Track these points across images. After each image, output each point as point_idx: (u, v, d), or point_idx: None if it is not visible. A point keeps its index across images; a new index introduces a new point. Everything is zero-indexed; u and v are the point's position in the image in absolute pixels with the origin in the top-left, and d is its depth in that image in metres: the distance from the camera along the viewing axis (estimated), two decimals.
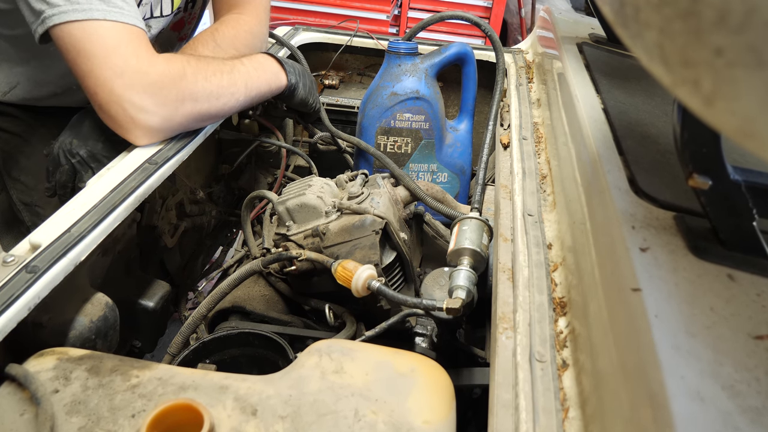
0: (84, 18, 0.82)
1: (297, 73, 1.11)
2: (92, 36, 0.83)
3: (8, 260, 0.65)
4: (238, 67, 0.99)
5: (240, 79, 0.98)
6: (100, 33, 0.83)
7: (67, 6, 0.81)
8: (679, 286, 0.49)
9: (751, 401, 0.39)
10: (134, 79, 0.84)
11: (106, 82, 0.84)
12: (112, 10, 0.84)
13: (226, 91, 0.96)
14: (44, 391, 0.57)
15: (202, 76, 0.92)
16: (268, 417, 0.57)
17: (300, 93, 1.13)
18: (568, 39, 1.20)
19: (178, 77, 0.88)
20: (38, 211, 1.22)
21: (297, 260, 0.92)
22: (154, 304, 0.94)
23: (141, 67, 0.85)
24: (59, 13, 0.81)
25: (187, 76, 0.90)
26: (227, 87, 0.96)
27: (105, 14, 0.83)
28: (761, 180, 0.50)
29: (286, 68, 1.09)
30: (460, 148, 1.34)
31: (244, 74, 0.99)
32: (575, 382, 0.57)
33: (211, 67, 0.95)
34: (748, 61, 0.24)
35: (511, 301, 0.69)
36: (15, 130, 1.20)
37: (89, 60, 0.83)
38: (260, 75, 1.03)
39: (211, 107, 0.94)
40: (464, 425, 0.84)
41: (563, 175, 0.86)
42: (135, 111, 0.86)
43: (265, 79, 1.04)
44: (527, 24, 3.18)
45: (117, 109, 0.85)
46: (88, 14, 0.82)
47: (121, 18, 0.85)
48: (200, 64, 0.94)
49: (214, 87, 0.94)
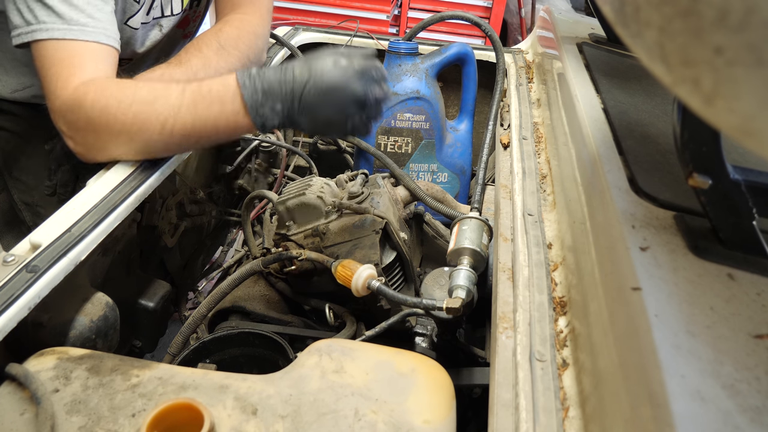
0: (44, 38, 0.83)
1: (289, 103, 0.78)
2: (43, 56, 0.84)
3: (8, 260, 0.65)
4: (168, 99, 0.80)
5: (163, 112, 0.79)
6: (49, 53, 0.84)
7: (36, 26, 0.83)
8: (679, 285, 0.49)
9: (751, 400, 0.39)
10: (51, 104, 0.84)
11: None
12: (71, 29, 0.84)
13: (133, 125, 0.80)
14: (44, 390, 0.57)
15: (106, 103, 0.80)
16: (268, 416, 0.57)
17: (303, 125, 0.81)
18: (568, 39, 1.20)
19: (77, 104, 0.81)
20: (39, 210, 1.22)
21: (297, 260, 0.92)
22: (154, 304, 0.95)
23: (54, 91, 0.84)
24: (30, 32, 0.83)
25: (85, 103, 0.80)
26: (138, 120, 0.80)
27: (63, 33, 0.83)
28: (761, 179, 0.50)
29: (253, 103, 0.79)
30: (460, 148, 1.34)
31: (169, 108, 0.80)
32: (575, 382, 0.57)
33: (129, 95, 0.80)
34: (748, 60, 0.24)
35: (511, 300, 0.69)
36: (16, 129, 1.20)
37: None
38: (198, 111, 0.80)
39: (114, 140, 0.82)
40: (464, 425, 0.84)
41: (563, 174, 0.86)
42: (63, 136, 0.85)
43: (209, 117, 0.80)
44: (527, 24, 3.18)
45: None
46: (49, 34, 0.83)
47: (81, 36, 0.85)
48: (114, 90, 0.81)
49: (121, 118, 0.80)
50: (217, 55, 1.05)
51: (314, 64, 0.77)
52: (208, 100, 0.79)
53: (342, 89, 0.75)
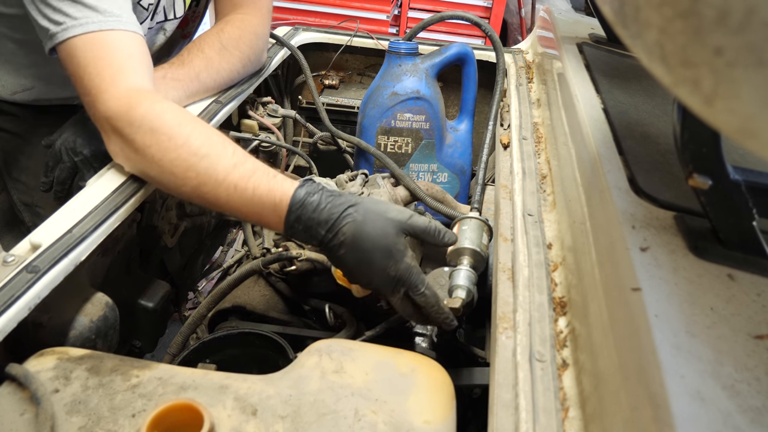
0: (81, 32, 0.79)
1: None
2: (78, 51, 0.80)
3: (9, 260, 0.65)
4: (216, 165, 0.74)
5: (204, 174, 0.74)
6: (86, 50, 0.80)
7: (70, 22, 0.79)
8: (680, 285, 0.49)
9: (751, 401, 0.39)
10: (95, 107, 0.80)
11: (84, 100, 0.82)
12: (107, 20, 0.81)
13: (171, 166, 0.75)
14: (44, 390, 0.57)
15: (156, 128, 0.75)
16: (268, 417, 0.57)
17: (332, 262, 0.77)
18: (568, 39, 1.20)
19: (124, 114, 0.77)
20: (39, 211, 1.22)
21: (297, 260, 0.92)
22: (154, 304, 0.94)
23: (98, 93, 0.79)
24: (62, 30, 0.80)
25: (134, 117, 0.76)
26: (177, 167, 0.75)
27: (100, 25, 0.80)
28: (761, 180, 0.50)
29: (289, 228, 0.73)
30: (461, 148, 1.34)
31: (212, 175, 0.74)
32: (575, 382, 0.57)
33: (182, 134, 0.75)
34: (748, 61, 0.24)
35: (511, 300, 0.69)
36: (16, 129, 1.20)
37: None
38: (236, 194, 0.74)
39: (147, 164, 0.77)
40: (464, 425, 0.84)
41: (563, 175, 0.86)
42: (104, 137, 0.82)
43: (245, 208, 0.75)
44: (527, 24, 3.18)
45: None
46: (84, 28, 0.79)
47: (118, 26, 0.82)
48: (169, 120, 0.77)
49: (161, 153, 0.75)
50: (219, 55, 1.05)
51: (364, 229, 0.71)
52: (250, 193, 0.73)
53: (371, 274, 0.72)
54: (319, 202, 0.72)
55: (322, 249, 0.74)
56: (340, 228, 0.71)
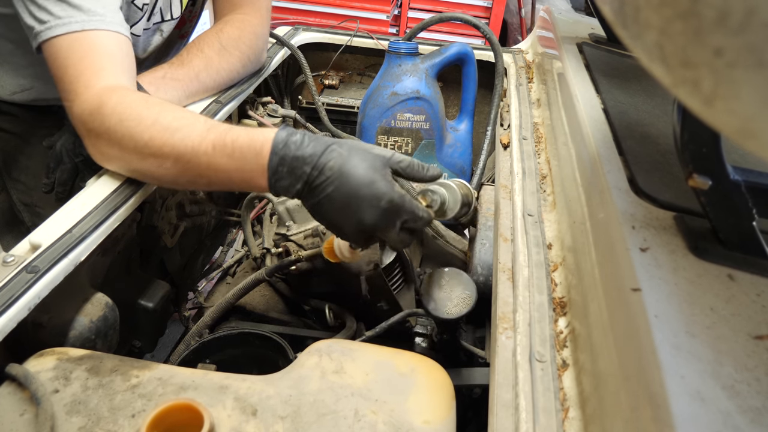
0: (63, 32, 0.79)
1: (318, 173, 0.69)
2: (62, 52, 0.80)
3: (8, 260, 0.65)
4: (190, 134, 0.73)
5: (180, 146, 0.73)
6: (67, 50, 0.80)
7: (54, 21, 0.79)
8: (679, 286, 0.49)
9: (751, 401, 0.39)
10: (70, 106, 0.80)
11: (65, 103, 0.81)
12: (91, 20, 0.80)
13: (146, 148, 0.75)
14: (44, 391, 0.57)
15: (126, 116, 0.75)
16: (268, 417, 0.57)
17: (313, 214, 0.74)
18: (568, 39, 1.20)
19: (96, 109, 0.77)
20: (38, 211, 1.22)
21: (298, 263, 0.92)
22: (154, 304, 0.94)
23: (74, 93, 0.80)
24: (45, 29, 0.80)
25: (105, 110, 0.76)
26: (153, 145, 0.74)
27: (83, 25, 0.80)
28: (761, 180, 0.50)
29: (273, 174, 0.70)
30: (460, 148, 1.34)
31: (189, 144, 0.73)
32: (575, 382, 0.57)
33: (151, 114, 0.75)
34: (748, 62, 0.24)
35: (511, 301, 0.69)
36: (15, 130, 1.20)
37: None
38: (219, 161, 0.72)
39: (127, 155, 0.77)
40: (464, 425, 0.84)
41: (563, 175, 0.86)
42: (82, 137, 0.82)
43: (232, 167, 0.73)
44: (527, 24, 3.18)
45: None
46: (67, 27, 0.79)
47: (101, 25, 0.81)
48: (137, 104, 0.76)
49: (136, 137, 0.74)
50: (218, 55, 1.05)
51: (351, 161, 0.68)
52: (230, 148, 0.72)
53: (361, 210, 0.68)
54: (302, 141, 0.70)
55: (307, 194, 0.70)
56: (327, 163, 0.68)
